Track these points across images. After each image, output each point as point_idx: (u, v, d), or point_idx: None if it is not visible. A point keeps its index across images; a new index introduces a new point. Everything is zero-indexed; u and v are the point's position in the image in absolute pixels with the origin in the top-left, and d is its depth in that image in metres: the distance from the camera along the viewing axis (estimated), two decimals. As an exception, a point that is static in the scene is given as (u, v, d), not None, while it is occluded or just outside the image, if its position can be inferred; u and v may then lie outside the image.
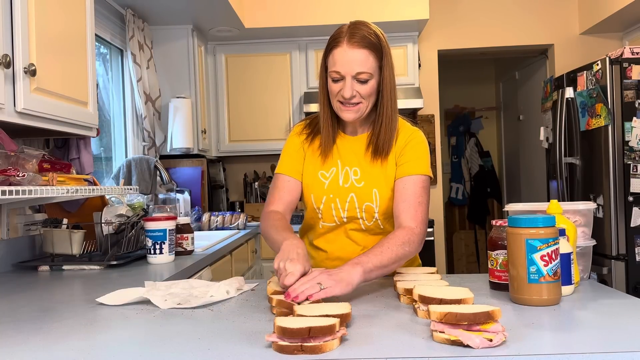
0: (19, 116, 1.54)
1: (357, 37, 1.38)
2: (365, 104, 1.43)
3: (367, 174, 1.49)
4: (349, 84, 1.39)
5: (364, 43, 1.37)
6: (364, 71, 1.38)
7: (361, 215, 1.50)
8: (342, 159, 1.52)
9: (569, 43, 4.20)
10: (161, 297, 1.25)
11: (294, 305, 1.06)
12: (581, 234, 1.38)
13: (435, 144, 4.27)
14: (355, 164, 1.51)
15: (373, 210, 1.49)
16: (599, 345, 0.87)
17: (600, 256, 3.00)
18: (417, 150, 1.48)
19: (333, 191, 1.50)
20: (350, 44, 1.37)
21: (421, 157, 1.48)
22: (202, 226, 3.36)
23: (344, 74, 1.38)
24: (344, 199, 1.50)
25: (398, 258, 1.31)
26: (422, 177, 1.46)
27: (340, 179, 1.51)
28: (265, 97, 3.99)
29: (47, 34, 1.67)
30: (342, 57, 1.38)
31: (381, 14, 3.65)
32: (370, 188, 1.48)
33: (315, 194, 1.52)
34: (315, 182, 1.52)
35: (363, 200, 1.49)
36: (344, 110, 1.43)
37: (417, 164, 1.46)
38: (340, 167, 1.52)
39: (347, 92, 1.39)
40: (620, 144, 2.95)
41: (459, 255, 5.68)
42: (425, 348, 0.88)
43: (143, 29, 3.27)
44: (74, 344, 0.96)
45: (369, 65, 1.38)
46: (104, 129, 3.06)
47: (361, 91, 1.40)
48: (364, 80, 1.39)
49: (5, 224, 1.96)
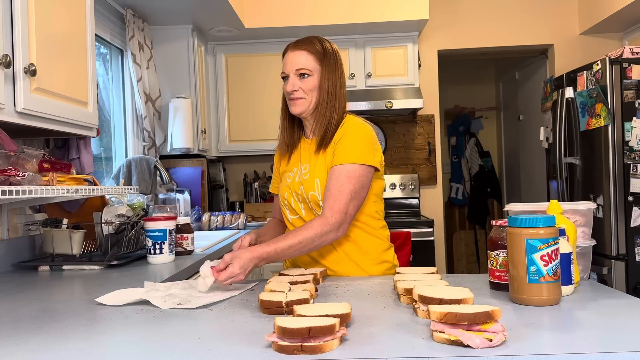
0: (19, 116, 1.54)
1: (299, 42, 1.64)
2: (309, 99, 1.61)
3: (312, 166, 1.65)
4: (291, 80, 1.61)
5: (304, 46, 1.62)
6: (302, 67, 1.60)
7: (311, 205, 1.63)
8: (301, 159, 1.69)
9: (569, 43, 4.20)
10: (161, 298, 1.25)
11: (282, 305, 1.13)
12: (581, 234, 1.38)
13: (435, 144, 4.27)
14: (307, 160, 1.67)
15: (317, 198, 1.61)
16: (599, 345, 0.87)
17: (600, 256, 3.00)
18: (348, 141, 1.58)
19: (291, 187, 1.68)
20: (293, 48, 1.64)
21: (351, 147, 1.57)
22: (202, 226, 3.36)
23: (288, 72, 1.62)
24: (297, 192, 1.66)
25: (299, 244, 1.46)
26: (347, 167, 1.55)
27: (297, 176, 1.68)
28: (265, 97, 3.99)
29: (47, 34, 1.67)
30: (287, 59, 1.63)
31: (381, 14, 3.65)
32: (313, 178, 1.62)
33: (281, 193, 1.72)
34: (283, 183, 1.73)
35: (308, 190, 1.62)
36: (291, 104, 1.63)
37: (345, 154, 1.56)
38: (300, 166, 1.69)
39: (289, 86, 1.61)
40: (620, 144, 2.95)
41: (459, 255, 5.68)
42: (425, 348, 0.88)
43: (143, 29, 3.27)
44: (74, 344, 0.96)
45: (308, 64, 1.60)
46: (104, 129, 3.06)
47: (302, 86, 1.60)
48: (303, 74, 1.60)
49: (5, 224, 1.96)
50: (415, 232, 3.57)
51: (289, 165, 1.73)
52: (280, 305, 1.13)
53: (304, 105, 1.62)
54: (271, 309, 1.13)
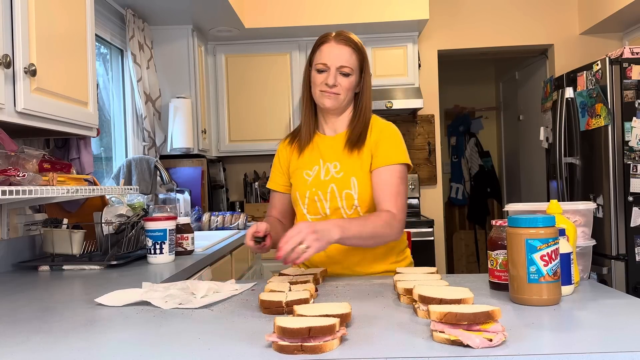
0: (19, 116, 1.54)
1: (343, 36, 1.58)
2: (343, 96, 1.57)
3: (345, 165, 1.60)
4: (333, 73, 1.55)
5: (350, 42, 1.57)
6: (347, 65, 1.55)
7: (342, 204, 1.59)
8: (323, 157, 1.64)
9: (568, 43, 4.20)
10: (161, 298, 1.25)
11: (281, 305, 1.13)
12: (581, 234, 1.38)
13: (435, 144, 4.27)
14: (335, 159, 1.62)
15: (352, 197, 1.58)
16: (599, 345, 0.87)
17: (600, 256, 3.00)
18: (390, 141, 1.58)
19: (315, 185, 1.61)
20: (337, 41, 1.56)
21: (395, 147, 1.58)
22: (202, 226, 3.36)
23: (330, 65, 1.55)
24: (325, 190, 1.60)
25: (377, 235, 1.44)
26: (397, 167, 1.56)
27: (322, 174, 1.62)
28: (265, 97, 3.99)
29: (47, 34, 1.67)
30: (330, 51, 1.56)
31: (381, 14, 3.65)
32: (349, 177, 1.58)
33: (300, 191, 1.63)
34: (300, 181, 1.64)
35: (342, 189, 1.58)
36: (325, 96, 1.57)
37: (392, 154, 1.56)
38: (322, 164, 1.63)
39: (330, 80, 1.55)
40: (620, 144, 2.95)
41: (459, 255, 5.68)
42: (425, 348, 0.88)
43: (143, 29, 3.27)
44: (74, 344, 0.96)
45: (351, 61, 1.56)
46: (104, 129, 3.06)
47: (342, 83, 1.56)
48: (346, 73, 1.56)
49: (6, 224, 1.96)
50: (415, 232, 3.57)
51: (303, 162, 1.66)
52: (280, 305, 1.13)
53: (338, 101, 1.58)
54: (271, 309, 1.13)
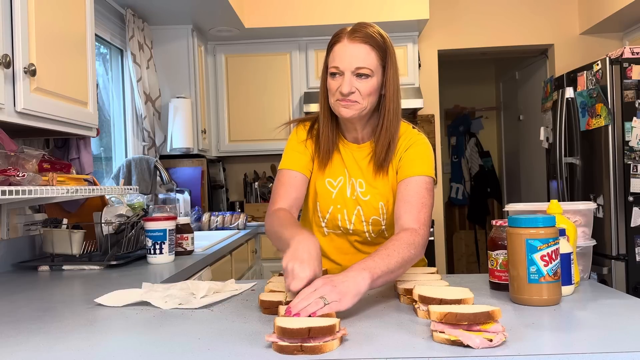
0: (19, 116, 1.54)
1: (358, 32, 1.33)
2: (364, 103, 1.34)
3: (372, 186, 1.45)
4: (347, 79, 1.32)
5: (366, 39, 1.32)
6: (364, 66, 1.31)
7: (368, 228, 1.48)
8: (348, 169, 1.47)
9: (569, 43, 4.20)
10: (161, 298, 1.25)
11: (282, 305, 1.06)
12: (581, 234, 1.38)
13: (435, 144, 4.26)
14: (360, 175, 1.46)
15: (380, 223, 1.47)
16: (599, 345, 0.87)
17: (600, 256, 2.99)
18: (419, 152, 1.42)
19: (340, 202, 1.47)
20: (351, 39, 1.32)
21: (424, 158, 1.41)
22: (202, 226, 3.36)
23: (343, 69, 1.32)
24: (351, 212, 1.47)
25: (404, 262, 1.20)
26: (425, 178, 1.38)
27: (348, 191, 1.46)
28: (265, 97, 3.99)
29: (47, 34, 1.67)
30: (342, 52, 1.32)
31: (381, 14, 3.64)
32: (377, 202, 1.45)
33: (322, 203, 1.48)
34: (323, 190, 1.47)
35: (370, 214, 1.46)
36: (342, 106, 1.35)
37: (420, 165, 1.39)
38: (347, 177, 1.47)
39: (345, 88, 1.31)
40: (620, 144, 2.95)
41: (459, 255, 5.68)
42: (425, 348, 0.88)
43: (143, 29, 3.27)
44: (74, 344, 0.96)
45: (369, 61, 1.32)
46: (104, 129, 3.05)
47: (361, 88, 1.32)
48: (363, 76, 1.32)
49: (5, 224, 1.96)
50: (415, 232, 3.55)
51: (332, 173, 1.48)
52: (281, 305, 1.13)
53: (357, 110, 1.35)
54: (271, 309, 1.13)
